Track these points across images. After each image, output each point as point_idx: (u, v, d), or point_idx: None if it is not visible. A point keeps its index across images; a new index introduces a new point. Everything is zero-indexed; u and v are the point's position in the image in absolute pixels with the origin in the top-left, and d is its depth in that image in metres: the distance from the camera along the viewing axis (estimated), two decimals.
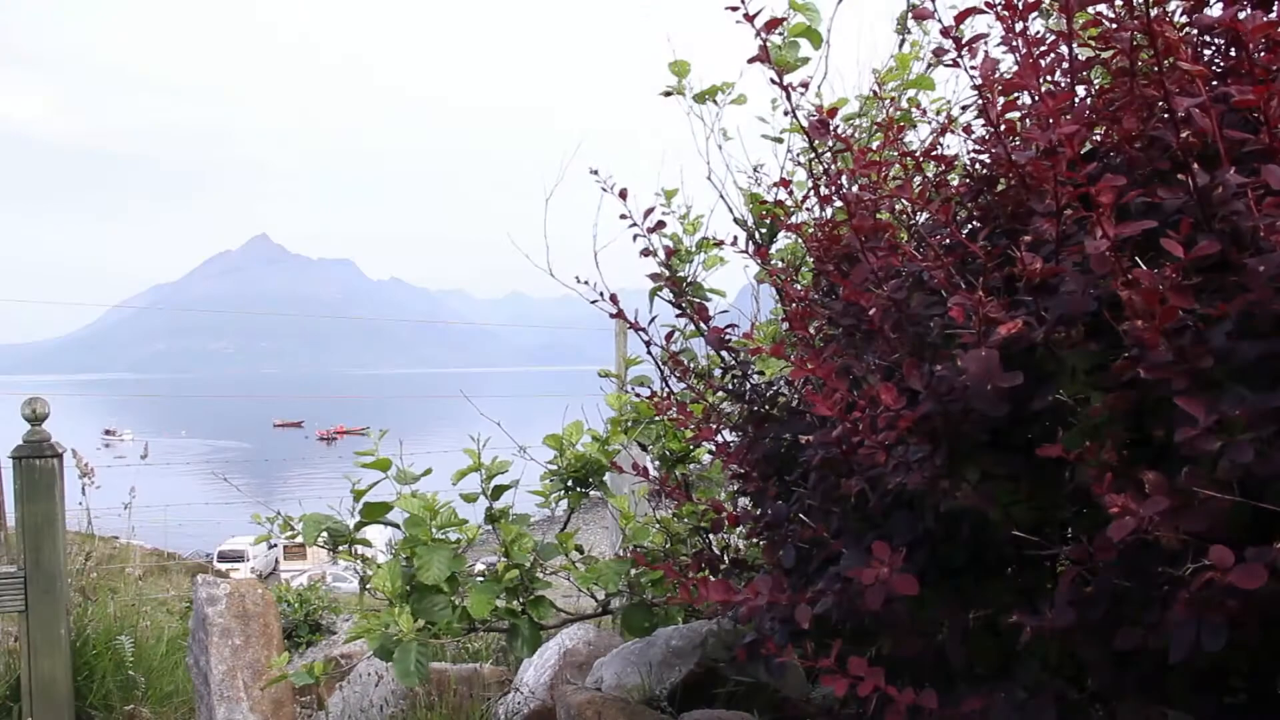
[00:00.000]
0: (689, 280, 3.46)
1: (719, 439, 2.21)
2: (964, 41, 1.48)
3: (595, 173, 2.42)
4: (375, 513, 2.81)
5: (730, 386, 2.18)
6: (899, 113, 3.07)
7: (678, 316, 2.53)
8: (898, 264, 1.68)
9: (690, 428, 2.17)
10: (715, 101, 3.51)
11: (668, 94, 3.57)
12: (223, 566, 31.25)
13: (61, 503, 3.55)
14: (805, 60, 3.26)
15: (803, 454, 2.08)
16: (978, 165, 1.94)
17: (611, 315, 2.35)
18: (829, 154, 2.01)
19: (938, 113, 3.19)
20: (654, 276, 3.37)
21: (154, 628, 4.00)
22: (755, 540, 2.26)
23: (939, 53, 1.52)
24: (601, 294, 2.35)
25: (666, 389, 3.50)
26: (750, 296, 4.02)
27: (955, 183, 1.93)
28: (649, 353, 3.67)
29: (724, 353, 2.44)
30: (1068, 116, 1.29)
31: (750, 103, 3.49)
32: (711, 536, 2.67)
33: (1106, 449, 1.25)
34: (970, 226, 1.84)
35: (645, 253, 2.36)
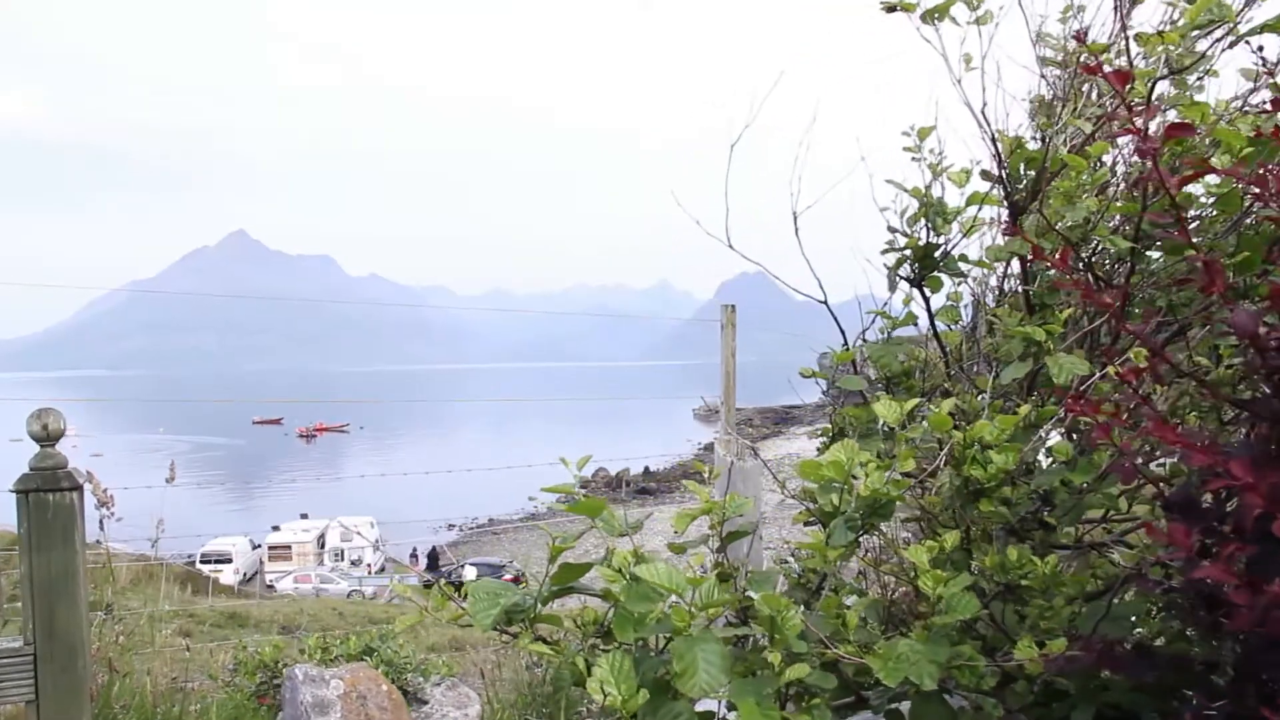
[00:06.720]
0: (945, 250, 2.59)
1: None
2: None
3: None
4: (571, 576, 1.91)
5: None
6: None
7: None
8: None
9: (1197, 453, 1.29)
10: (954, 19, 2.63)
11: (890, 9, 2.71)
12: (206, 569, 30.12)
13: (83, 551, 2.59)
14: None
15: None
16: None
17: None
18: None
19: None
20: (911, 252, 2.48)
21: (200, 706, 3.03)
22: None
23: None
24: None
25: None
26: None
27: None
28: (861, 340, 2.81)
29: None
30: None
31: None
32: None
33: None
34: None
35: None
